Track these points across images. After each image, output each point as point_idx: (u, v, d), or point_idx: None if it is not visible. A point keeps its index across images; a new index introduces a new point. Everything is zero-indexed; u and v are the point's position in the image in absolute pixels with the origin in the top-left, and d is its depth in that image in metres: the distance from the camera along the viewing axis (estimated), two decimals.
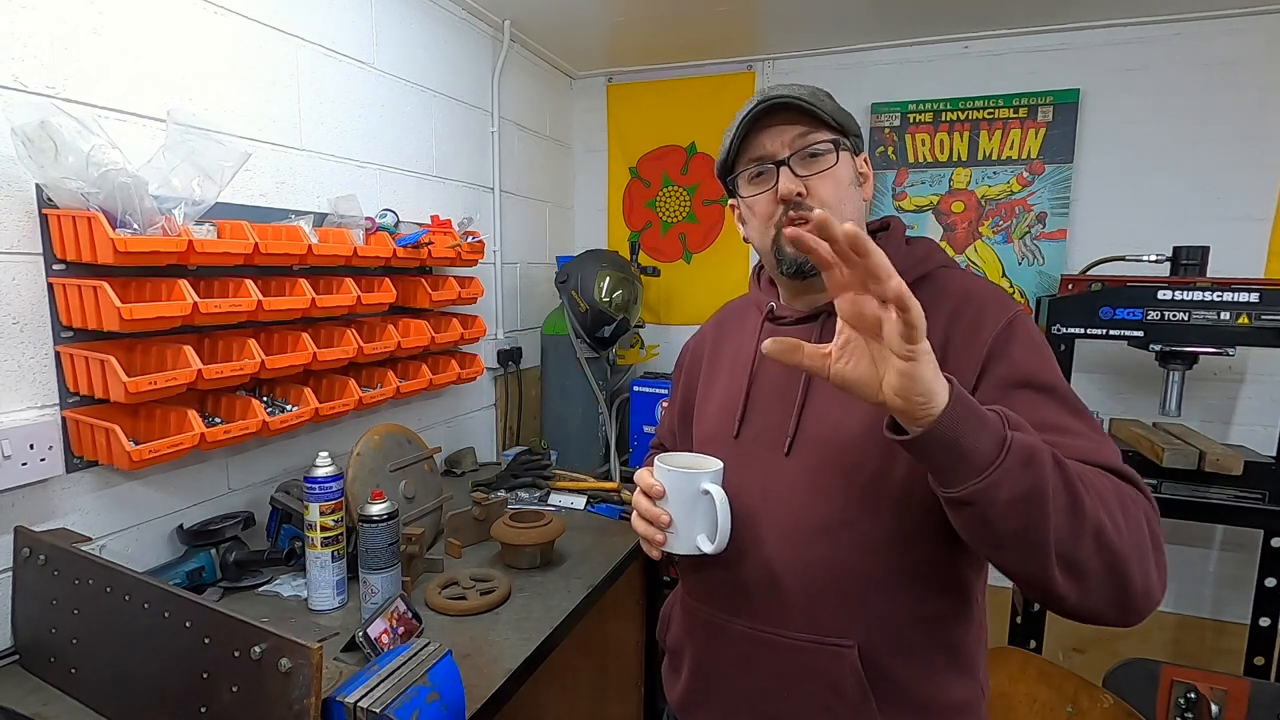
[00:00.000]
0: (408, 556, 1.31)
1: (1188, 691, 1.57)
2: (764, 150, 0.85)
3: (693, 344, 1.11)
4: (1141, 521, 0.66)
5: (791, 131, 0.83)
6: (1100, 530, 0.62)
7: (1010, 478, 0.59)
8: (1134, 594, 0.65)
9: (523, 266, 2.42)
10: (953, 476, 0.61)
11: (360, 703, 0.80)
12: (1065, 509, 0.61)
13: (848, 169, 0.86)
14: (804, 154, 0.83)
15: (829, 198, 0.83)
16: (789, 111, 0.83)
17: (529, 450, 2.05)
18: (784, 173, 0.83)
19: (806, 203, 0.83)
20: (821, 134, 0.84)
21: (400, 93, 1.79)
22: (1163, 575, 0.67)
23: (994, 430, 0.60)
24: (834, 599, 0.81)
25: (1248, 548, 2.05)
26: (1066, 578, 0.63)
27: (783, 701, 0.84)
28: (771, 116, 0.84)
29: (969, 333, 0.79)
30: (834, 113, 0.84)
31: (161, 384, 1.05)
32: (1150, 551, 0.66)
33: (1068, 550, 0.62)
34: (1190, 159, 2.07)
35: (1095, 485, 0.65)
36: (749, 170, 0.87)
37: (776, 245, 0.86)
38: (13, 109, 0.97)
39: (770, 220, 0.86)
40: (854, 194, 0.86)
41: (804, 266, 0.84)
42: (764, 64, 2.49)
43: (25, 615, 1.04)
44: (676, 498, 0.81)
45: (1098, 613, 0.66)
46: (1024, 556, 0.63)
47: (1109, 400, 2.19)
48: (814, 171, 0.83)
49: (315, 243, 1.32)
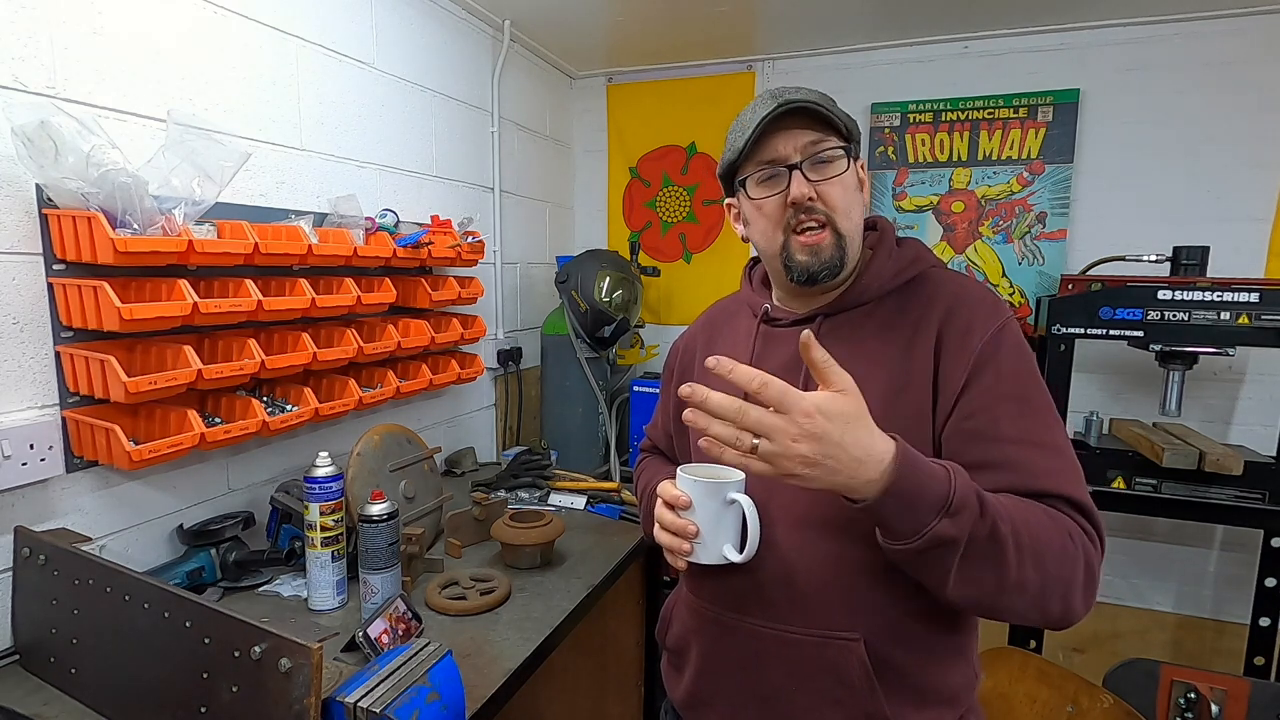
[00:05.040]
0: (408, 556, 1.31)
1: (1188, 691, 1.57)
2: (776, 153, 0.84)
3: (682, 345, 1.10)
4: (1077, 560, 0.72)
5: (805, 136, 0.84)
6: (1022, 583, 0.70)
7: (922, 553, 0.68)
8: (1050, 620, 0.74)
9: (523, 266, 2.42)
10: (880, 530, 0.71)
11: (360, 703, 0.80)
12: (986, 568, 0.69)
13: (854, 174, 0.87)
14: (815, 159, 0.84)
15: (839, 203, 0.84)
16: (801, 116, 0.83)
17: (529, 450, 2.06)
18: (796, 177, 0.83)
19: (818, 207, 0.84)
20: (834, 140, 0.84)
21: (400, 93, 1.79)
22: (1089, 599, 0.74)
23: (921, 519, 0.67)
24: (840, 593, 0.82)
25: (1248, 548, 2.05)
26: (974, 609, 0.74)
27: (792, 697, 0.85)
28: (783, 120, 0.84)
29: (961, 335, 0.81)
30: (845, 118, 0.86)
31: (161, 384, 1.05)
32: (1077, 585, 0.73)
33: (974, 595, 0.71)
34: (1190, 159, 2.07)
35: (1035, 537, 0.70)
36: (760, 172, 0.86)
37: (786, 251, 0.86)
38: (13, 109, 0.97)
39: (779, 224, 0.86)
40: (859, 199, 0.88)
41: (818, 275, 0.85)
42: (764, 64, 2.49)
43: (25, 615, 1.04)
44: (703, 508, 0.81)
45: (1009, 621, 0.76)
46: (922, 577, 0.73)
47: (1109, 400, 2.19)
48: (825, 177, 0.84)
49: (315, 243, 1.32)
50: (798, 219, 0.84)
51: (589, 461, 2.22)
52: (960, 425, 0.78)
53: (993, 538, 0.68)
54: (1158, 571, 2.20)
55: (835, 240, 0.84)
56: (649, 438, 1.20)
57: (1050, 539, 0.71)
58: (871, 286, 0.87)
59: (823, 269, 0.85)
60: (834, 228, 0.84)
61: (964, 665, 0.86)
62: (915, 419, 0.80)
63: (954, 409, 0.79)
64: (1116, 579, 2.23)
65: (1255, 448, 1.92)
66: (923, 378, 0.81)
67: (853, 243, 0.86)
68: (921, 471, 0.67)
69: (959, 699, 0.86)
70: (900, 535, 0.68)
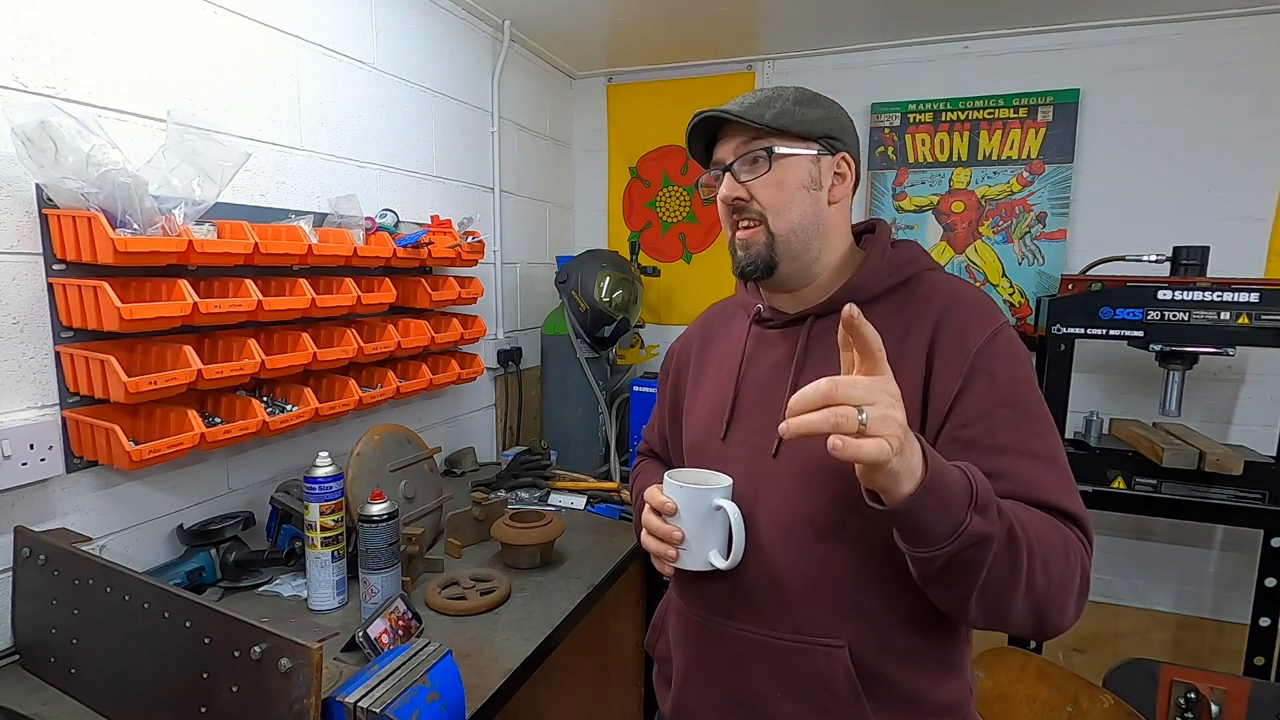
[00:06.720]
0: (408, 556, 1.31)
1: (1188, 691, 1.57)
2: (717, 156, 0.90)
3: (678, 347, 1.11)
4: (1075, 568, 0.72)
5: (736, 139, 0.87)
6: (1031, 586, 0.69)
7: (957, 555, 0.65)
8: (1046, 629, 0.73)
9: (523, 266, 2.42)
10: (907, 539, 0.67)
11: (360, 703, 0.80)
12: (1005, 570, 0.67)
13: (796, 173, 0.86)
14: (745, 160, 0.86)
15: (768, 201, 0.86)
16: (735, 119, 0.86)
17: (529, 450, 2.06)
18: (726, 178, 0.88)
19: (751, 206, 0.87)
20: (760, 141, 0.86)
21: (400, 92, 1.79)
22: (1080, 608, 0.74)
23: (955, 515, 0.63)
24: (825, 599, 0.81)
25: (1248, 548, 2.05)
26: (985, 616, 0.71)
27: (776, 703, 0.84)
28: (725, 125, 0.89)
29: (955, 340, 0.80)
30: (776, 119, 0.84)
31: (161, 384, 1.05)
32: (1074, 594, 0.73)
33: (993, 600, 0.69)
34: (1190, 159, 2.07)
35: (1041, 540, 0.69)
36: (712, 173, 0.91)
37: (732, 245, 0.91)
38: (13, 109, 0.97)
39: (727, 220, 0.91)
40: (803, 197, 0.86)
41: (745, 269, 0.89)
42: (764, 64, 2.49)
43: (25, 615, 1.04)
44: (689, 514, 0.82)
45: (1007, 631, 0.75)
46: (950, 596, 0.71)
47: (1109, 400, 2.19)
48: (755, 176, 0.86)
49: (315, 243, 1.32)
50: (733, 218, 0.89)
51: (589, 461, 2.22)
52: (955, 433, 0.77)
53: (1011, 537, 0.66)
54: (1158, 571, 2.20)
55: (767, 239, 0.86)
56: (646, 440, 1.20)
57: (1053, 544, 0.70)
58: (863, 287, 0.87)
59: (751, 264, 0.88)
60: (767, 227, 0.86)
61: (956, 678, 0.85)
62: None
63: (948, 416, 0.78)
64: (1116, 579, 2.23)
65: (1255, 448, 1.92)
66: (914, 381, 0.80)
67: (789, 243, 0.86)
68: (942, 464, 0.64)
69: (951, 712, 0.84)
70: (936, 538, 0.64)
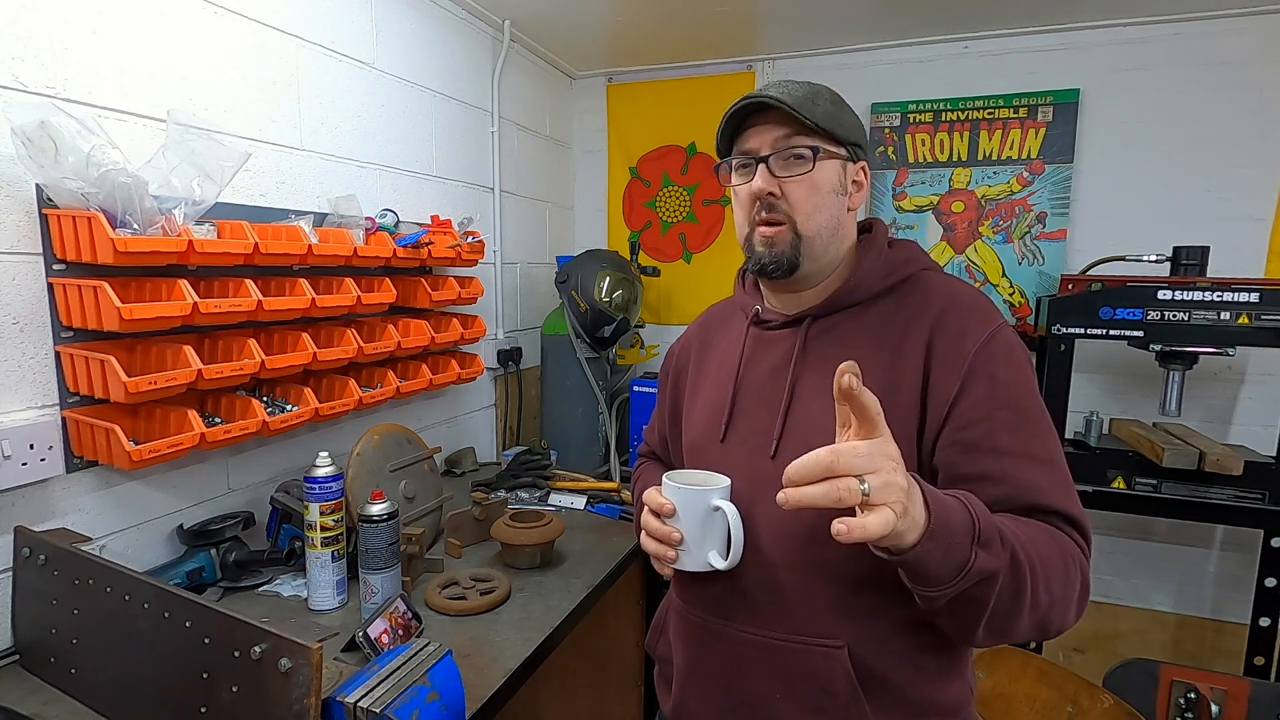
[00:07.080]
0: (408, 556, 1.31)
1: (1188, 691, 1.57)
2: (749, 145, 0.86)
3: (677, 349, 1.10)
4: (1076, 579, 0.73)
5: (776, 131, 0.84)
6: (1035, 606, 0.69)
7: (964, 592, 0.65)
8: (1048, 636, 0.75)
9: (523, 266, 2.42)
10: (913, 580, 0.66)
11: (360, 703, 0.80)
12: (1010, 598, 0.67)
13: (830, 176, 0.85)
14: (784, 155, 0.84)
15: (801, 202, 0.84)
16: (778, 111, 0.83)
17: (529, 450, 2.06)
18: (761, 170, 0.84)
19: (780, 204, 0.84)
20: (805, 139, 0.84)
21: (400, 93, 1.79)
22: (1080, 610, 0.75)
23: (959, 556, 0.63)
24: (825, 599, 0.81)
25: (1248, 548, 2.05)
26: (990, 637, 0.72)
27: (775, 704, 0.84)
28: (761, 114, 0.85)
29: (953, 342, 0.80)
30: (824, 119, 0.83)
31: (161, 384, 1.05)
32: (1074, 601, 0.73)
33: (998, 624, 0.69)
34: (1190, 159, 2.07)
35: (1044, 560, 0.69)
36: (737, 160, 0.88)
37: (750, 241, 0.88)
38: (13, 109, 0.97)
39: (748, 213, 0.88)
40: (833, 202, 0.86)
41: (767, 267, 0.86)
42: (764, 64, 2.49)
43: (25, 615, 1.04)
44: (688, 515, 0.81)
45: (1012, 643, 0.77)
46: (957, 624, 0.71)
47: (1109, 400, 2.19)
48: (791, 174, 0.84)
49: (315, 243, 1.32)
50: (760, 214, 0.86)
51: (589, 461, 2.22)
52: (955, 436, 0.77)
53: (1015, 564, 0.66)
54: (1158, 571, 2.20)
55: (793, 239, 0.85)
56: (646, 442, 1.20)
57: (1054, 559, 0.70)
58: (860, 287, 0.86)
59: (774, 262, 0.86)
60: (793, 227, 0.84)
61: (956, 678, 0.84)
62: (902, 425, 0.78)
63: (947, 418, 0.77)
64: (1116, 579, 2.23)
65: (1255, 448, 1.92)
66: (912, 382, 0.79)
67: (813, 246, 0.85)
68: (943, 503, 0.63)
69: (951, 712, 0.84)
70: (942, 579, 0.63)
